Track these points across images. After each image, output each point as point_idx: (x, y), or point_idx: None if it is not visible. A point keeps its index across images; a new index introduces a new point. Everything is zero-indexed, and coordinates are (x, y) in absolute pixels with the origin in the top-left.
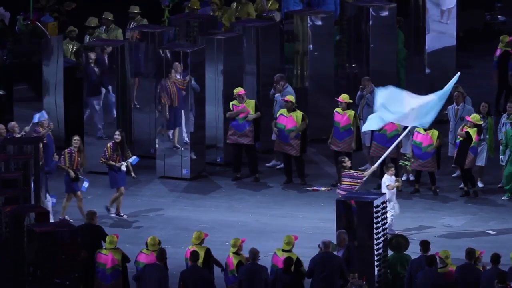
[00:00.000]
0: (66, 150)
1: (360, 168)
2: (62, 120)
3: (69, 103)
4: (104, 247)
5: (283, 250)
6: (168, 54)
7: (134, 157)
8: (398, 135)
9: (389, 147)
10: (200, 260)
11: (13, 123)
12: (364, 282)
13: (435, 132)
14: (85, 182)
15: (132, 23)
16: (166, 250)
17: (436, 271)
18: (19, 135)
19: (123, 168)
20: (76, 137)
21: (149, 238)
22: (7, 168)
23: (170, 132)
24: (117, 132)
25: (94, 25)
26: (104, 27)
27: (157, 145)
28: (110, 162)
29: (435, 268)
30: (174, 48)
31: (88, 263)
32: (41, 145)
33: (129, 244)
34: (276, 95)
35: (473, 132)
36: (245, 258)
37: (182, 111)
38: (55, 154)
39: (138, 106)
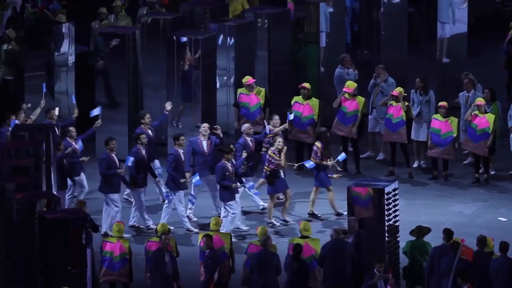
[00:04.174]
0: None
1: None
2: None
3: (80, 90)
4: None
5: (302, 237)
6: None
7: (343, 154)
8: (403, 121)
9: (395, 132)
10: (228, 247)
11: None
12: (391, 275)
13: (454, 120)
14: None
15: (145, 10)
16: (170, 237)
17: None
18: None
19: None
20: (280, 139)
21: (159, 225)
22: (18, 155)
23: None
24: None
25: (104, 16)
26: (114, 15)
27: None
28: (323, 162)
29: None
30: (186, 35)
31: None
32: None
33: None
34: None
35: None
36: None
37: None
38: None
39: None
